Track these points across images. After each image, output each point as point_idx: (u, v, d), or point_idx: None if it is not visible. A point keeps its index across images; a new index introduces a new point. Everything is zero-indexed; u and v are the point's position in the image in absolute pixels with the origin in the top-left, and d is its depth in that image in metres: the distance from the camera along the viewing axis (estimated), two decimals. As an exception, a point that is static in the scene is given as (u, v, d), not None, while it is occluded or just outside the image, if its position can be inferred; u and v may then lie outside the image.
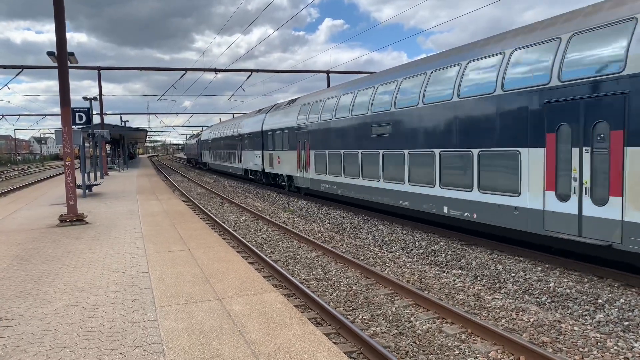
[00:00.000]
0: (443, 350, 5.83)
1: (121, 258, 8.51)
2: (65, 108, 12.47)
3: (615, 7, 7.94)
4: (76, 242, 9.99)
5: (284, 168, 22.78)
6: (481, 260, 9.54)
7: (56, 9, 12.11)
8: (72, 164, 12.82)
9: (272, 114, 25.11)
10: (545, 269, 8.76)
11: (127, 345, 4.79)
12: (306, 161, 19.65)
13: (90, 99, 27.13)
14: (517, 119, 9.17)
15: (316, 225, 14.84)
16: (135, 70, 30.71)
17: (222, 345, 4.75)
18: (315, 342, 4.82)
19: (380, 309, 7.28)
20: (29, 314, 5.77)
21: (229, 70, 31.18)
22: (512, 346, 5.66)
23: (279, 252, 11.32)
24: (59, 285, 6.90)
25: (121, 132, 44.45)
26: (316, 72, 33.76)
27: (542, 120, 8.67)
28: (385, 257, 10.49)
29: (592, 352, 5.65)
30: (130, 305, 5.99)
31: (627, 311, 6.71)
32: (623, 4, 7.85)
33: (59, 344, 4.86)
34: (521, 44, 9.37)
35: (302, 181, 20.46)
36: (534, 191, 8.93)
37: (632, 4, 7.58)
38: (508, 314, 6.92)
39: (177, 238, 10.29)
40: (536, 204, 8.90)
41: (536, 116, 8.76)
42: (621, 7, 7.83)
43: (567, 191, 8.28)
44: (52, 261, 8.36)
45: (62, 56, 12.39)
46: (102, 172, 30.92)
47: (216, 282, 6.93)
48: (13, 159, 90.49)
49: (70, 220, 12.38)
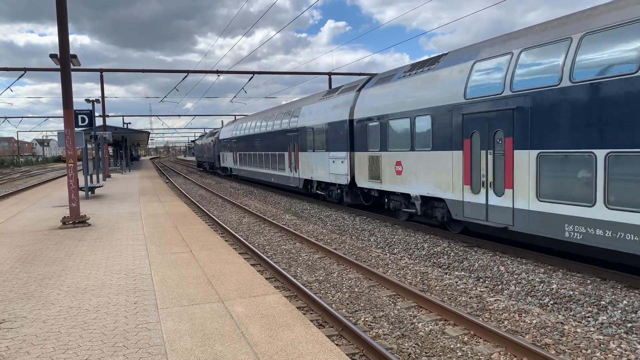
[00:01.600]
0: (445, 352, 5.82)
1: (123, 260, 8.53)
2: (67, 110, 12.51)
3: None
4: (79, 244, 10.01)
5: (418, 181, 12.63)
6: (483, 262, 9.53)
7: (59, 12, 12.15)
8: (74, 166, 12.85)
9: (376, 87, 14.98)
10: (548, 271, 8.74)
11: (129, 347, 4.79)
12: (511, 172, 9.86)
13: (93, 101, 27.24)
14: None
15: (318, 227, 14.84)
16: (138, 72, 30.82)
17: (225, 347, 4.76)
18: (318, 343, 4.81)
19: (382, 311, 7.27)
20: (31, 315, 5.78)
21: (230, 72, 31.25)
22: (514, 348, 5.65)
23: (281, 253, 11.32)
24: (61, 287, 6.92)
25: (123, 134, 44.57)
26: (318, 73, 33.82)
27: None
28: (388, 259, 10.48)
29: (595, 354, 5.63)
30: (132, 307, 6.00)
31: (630, 313, 6.69)
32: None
33: (62, 346, 4.87)
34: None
35: (497, 215, 10.14)
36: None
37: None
38: (511, 316, 6.91)
39: (179, 240, 10.30)
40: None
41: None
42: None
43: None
44: (55, 263, 8.38)
45: (64, 58, 12.43)
46: (104, 174, 30.99)
47: (218, 284, 6.93)
48: (16, 161, 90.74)
49: (73, 222, 12.40)
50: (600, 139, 7.82)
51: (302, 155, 20.73)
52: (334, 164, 17.61)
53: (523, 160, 9.22)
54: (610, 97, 7.65)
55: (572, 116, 8.27)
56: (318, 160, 19.10)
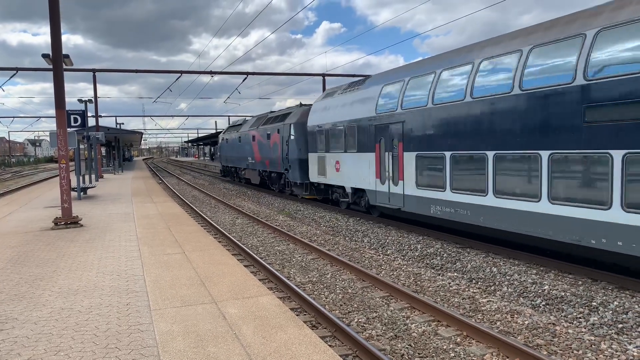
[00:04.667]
0: (438, 353, 5.84)
1: (116, 261, 8.48)
2: (60, 110, 12.43)
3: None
4: (71, 245, 9.94)
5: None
6: (476, 263, 9.57)
7: (51, 11, 12.08)
8: (67, 167, 12.77)
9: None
10: (540, 272, 8.79)
11: (122, 349, 4.77)
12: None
13: (86, 101, 27.09)
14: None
15: (312, 227, 14.84)
16: (131, 72, 30.66)
17: (218, 348, 4.75)
18: (311, 345, 4.82)
19: (375, 312, 7.28)
20: (23, 317, 5.74)
21: (224, 73, 31.16)
22: (507, 349, 5.68)
23: (274, 254, 11.31)
24: (53, 289, 6.87)
25: (116, 134, 44.37)
26: (312, 75, 33.79)
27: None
28: (381, 260, 10.50)
29: (586, 354, 5.67)
30: (125, 309, 5.97)
31: (621, 314, 6.75)
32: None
33: (54, 348, 4.83)
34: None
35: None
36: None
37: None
38: (503, 317, 6.94)
39: (172, 241, 10.26)
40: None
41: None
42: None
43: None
44: (47, 264, 8.32)
45: (57, 58, 12.36)
46: (97, 174, 30.81)
47: (211, 285, 6.91)
48: (7, 162, 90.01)
49: (65, 223, 12.32)
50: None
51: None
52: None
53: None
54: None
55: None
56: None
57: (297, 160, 20.13)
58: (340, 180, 16.57)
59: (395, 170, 13.13)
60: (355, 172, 15.36)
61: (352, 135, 15.39)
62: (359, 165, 15.07)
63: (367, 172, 14.64)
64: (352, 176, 15.65)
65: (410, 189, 12.49)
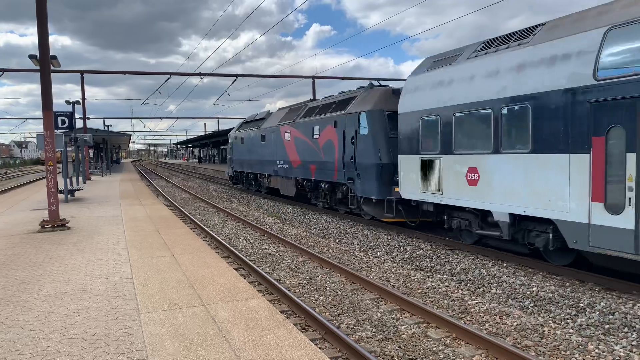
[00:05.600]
0: (428, 355, 5.86)
1: (104, 264, 8.40)
2: (47, 112, 12.30)
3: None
4: (58, 248, 9.83)
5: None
6: (465, 265, 9.63)
7: (39, 12, 11.96)
8: (54, 169, 12.64)
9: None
10: (528, 274, 8.87)
11: (110, 352, 4.73)
12: None
13: (73, 103, 26.83)
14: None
15: (302, 230, 14.83)
16: (120, 74, 30.45)
17: (207, 351, 4.72)
18: (301, 347, 4.81)
19: (365, 314, 7.29)
20: (9, 321, 5.66)
21: (214, 75, 31.08)
22: (496, 350, 5.72)
23: (264, 257, 11.28)
24: (40, 292, 6.78)
25: (104, 136, 43.99)
26: (301, 77, 33.85)
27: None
28: (371, 262, 10.52)
29: (574, 355, 5.73)
30: (113, 312, 5.91)
31: (607, 314, 6.83)
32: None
33: (41, 352, 4.77)
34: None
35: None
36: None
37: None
38: (492, 318, 6.99)
39: (161, 244, 10.19)
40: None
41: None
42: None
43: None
44: (33, 267, 8.22)
45: (44, 59, 12.24)
46: (84, 176, 30.52)
47: (201, 288, 6.88)
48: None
49: (52, 226, 12.18)
50: None
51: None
52: None
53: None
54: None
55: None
56: None
57: (374, 166, 13.86)
58: (480, 200, 10.04)
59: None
60: (524, 186, 9.00)
61: (518, 124, 9.11)
62: (537, 176, 8.74)
63: (560, 189, 8.33)
64: (514, 193, 9.21)
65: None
